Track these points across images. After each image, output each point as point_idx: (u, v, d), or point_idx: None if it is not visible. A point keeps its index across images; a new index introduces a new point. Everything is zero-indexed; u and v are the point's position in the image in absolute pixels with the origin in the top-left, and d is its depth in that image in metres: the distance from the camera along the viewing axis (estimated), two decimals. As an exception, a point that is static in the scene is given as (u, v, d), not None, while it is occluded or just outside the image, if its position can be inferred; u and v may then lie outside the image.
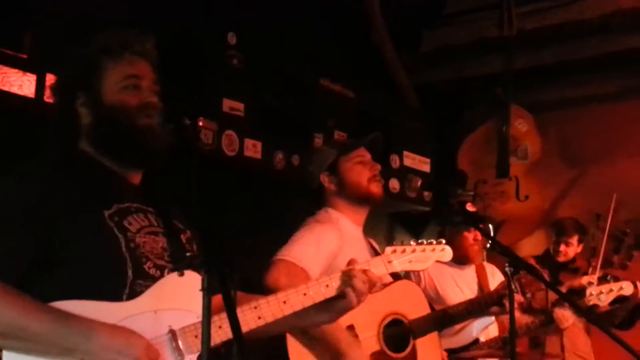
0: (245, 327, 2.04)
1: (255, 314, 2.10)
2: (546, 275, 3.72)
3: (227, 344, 2.01)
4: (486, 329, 4.23)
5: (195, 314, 1.91)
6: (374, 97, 5.63)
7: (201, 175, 1.88)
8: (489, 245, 4.45)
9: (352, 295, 2.24)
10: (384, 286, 3.16)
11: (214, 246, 1.85)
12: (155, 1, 3.98)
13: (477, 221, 4.12)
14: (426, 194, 5.88)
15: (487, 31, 5.75)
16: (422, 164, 5.93)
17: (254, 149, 4.55)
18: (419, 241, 2.60)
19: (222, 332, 1.99)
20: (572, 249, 5.10)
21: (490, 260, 4.95)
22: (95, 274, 1.95)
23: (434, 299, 4.27)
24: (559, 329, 4.29)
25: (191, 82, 4.04)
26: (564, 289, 4.27)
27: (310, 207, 3.33)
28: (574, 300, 3.98)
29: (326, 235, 3.12)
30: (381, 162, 3.36)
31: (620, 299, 4.41)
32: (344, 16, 5.70)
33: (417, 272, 4.23)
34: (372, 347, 3.09)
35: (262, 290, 2.71)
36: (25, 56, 3.47)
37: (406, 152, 5.76)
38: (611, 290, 4.07)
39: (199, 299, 1.79)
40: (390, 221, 6.22)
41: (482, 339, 4.18)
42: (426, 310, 3.37)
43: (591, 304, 4.01)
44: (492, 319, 4.17)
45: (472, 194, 5.66)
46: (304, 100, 4.95)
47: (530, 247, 5.99)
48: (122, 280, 1.99)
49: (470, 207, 5.04)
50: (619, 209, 5.10)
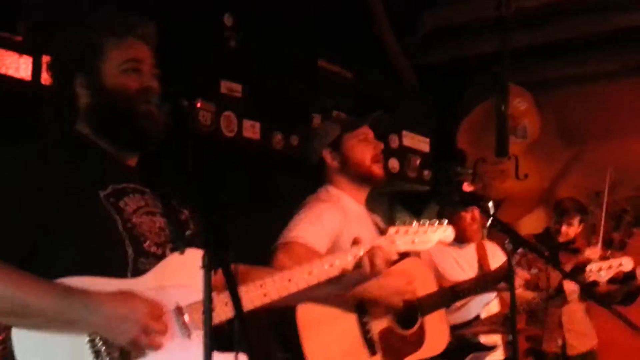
0: (250, 305, 2.08)
1: (260, 292, 2.13)
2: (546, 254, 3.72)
3: (232, 321, 2.02)
4: (487, 305, 4.24)
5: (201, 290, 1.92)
6: (373, 77, 5.61)
7: (200, 156, 1.87)
8: (489, 223, 4.45)
9: (369, 271, 2.34)
10: (392, 264, 3.17)
11: (214, 225, 1.84)
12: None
13: (475, 200, 4.12)
14: (426, 173, 5.88)
15: (486, 10, 5.70)
16: (422, 143, 5.92)
17: (252, 129, 4.53)
18: (421, 222, 2.60)
19: (228, 309, 2.00)
20: (573, 229, 5.10)
21: (490, 238, 4.96)
22: (95, 252, 1.96)
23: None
24: (563, 303, 4.30)
25: (189, 64, 4.02)
26: (570, 266, 4.28)
27: (309, 187, 3.31)
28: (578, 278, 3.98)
29: (329, 213, 3.10)
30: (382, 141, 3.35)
31: (620, 280, 4.43)
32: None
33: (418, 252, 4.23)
34: (381, 324, 3.10)
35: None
36: (20, 39, 3.45)
37: (405, 132, 5.75)
38: (611, 266, 4.08)
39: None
40: (390, 201, 6.22)
41: (483, 316, 4.19)
42: (434, 287, 3.39)
43: (591, 279, 4.01)
44: (493, 295, 4.18)
45: (471, 172, 5.65)
46: (303, 80, 4.93)
47: (529, 226, 6.00)
48: (123, 258, 1.99)
49: (467, 187, 5.06)
50: (619, 187, 5.10)
